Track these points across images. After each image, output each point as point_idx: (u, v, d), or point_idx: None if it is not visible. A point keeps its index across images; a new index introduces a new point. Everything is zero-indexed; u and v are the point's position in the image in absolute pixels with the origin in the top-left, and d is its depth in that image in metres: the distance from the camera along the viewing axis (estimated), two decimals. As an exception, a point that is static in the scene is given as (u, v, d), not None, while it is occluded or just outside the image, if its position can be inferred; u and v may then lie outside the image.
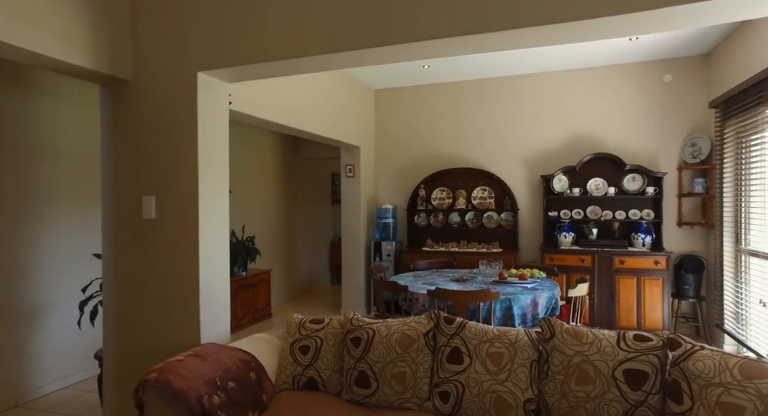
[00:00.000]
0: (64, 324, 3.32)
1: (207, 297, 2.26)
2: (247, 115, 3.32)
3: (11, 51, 1.87)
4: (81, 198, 3.46)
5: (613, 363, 1.62)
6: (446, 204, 5.31)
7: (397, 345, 1.96)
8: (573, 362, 1.67)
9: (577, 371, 1.66)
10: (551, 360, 1.73)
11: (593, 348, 1.67)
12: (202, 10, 2.21)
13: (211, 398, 1.77)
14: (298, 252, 6.58)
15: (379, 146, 5.69)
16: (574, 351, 1.69)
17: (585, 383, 1.64)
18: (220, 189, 2.34)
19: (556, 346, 1.73)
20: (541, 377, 1.75)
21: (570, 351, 1.69)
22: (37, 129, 3.17)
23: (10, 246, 3.01)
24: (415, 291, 3.02)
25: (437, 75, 5.11)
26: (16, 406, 3.02)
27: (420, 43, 1.87)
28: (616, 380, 1.61)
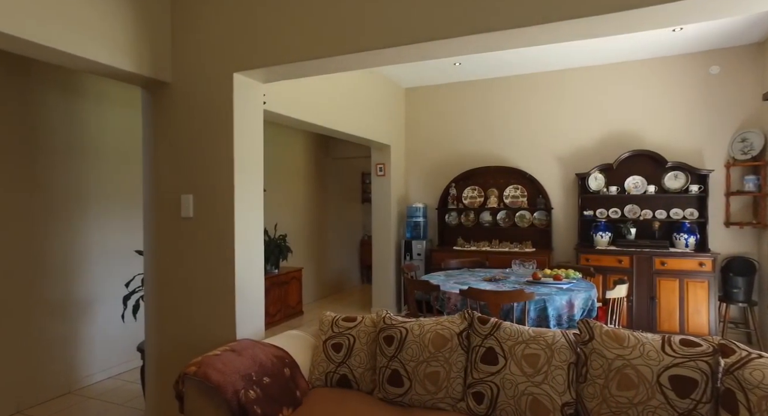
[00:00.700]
0: (110, 317, 3.47)
1: (242, 294, 2.31)
2: (280, 115, 3.37)
3: (65, 58, 1.97)
4: (123, 197, 3.60)
5: (658, 368, 1.56)
6: (477, 203, 5.25)
7: (430, 345, 1.94)
8: (614, 366, 1.61)
9: (619, 375, 1.60)
10: (590, 363, 1.67)
11: (635, 351, 1.60)
12: (237, 12, 2.26)
13: (247, 392, 1.80)
14: (329, 250, 6.64)
15: (410, 145, 5.68)
16: (615, 354, 1.63)
17: (627, 388, 1.58)
18: (255, 188, 2.38)
19: (595, 349, 1.67)
20: (579, 380, 1.70)
21: (610, 354, 1.63)
22: (84, 131, 3.32)
23: (61, 242, 3.17)
24: (447, 290, 2.99)
25: (469, 72, 5.05)
26: (69, 393, 3.18)
27: (456, 40, 1.85)
28: (661, 386, 1.54)
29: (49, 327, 3.10)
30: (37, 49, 1.87)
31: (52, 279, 3.12)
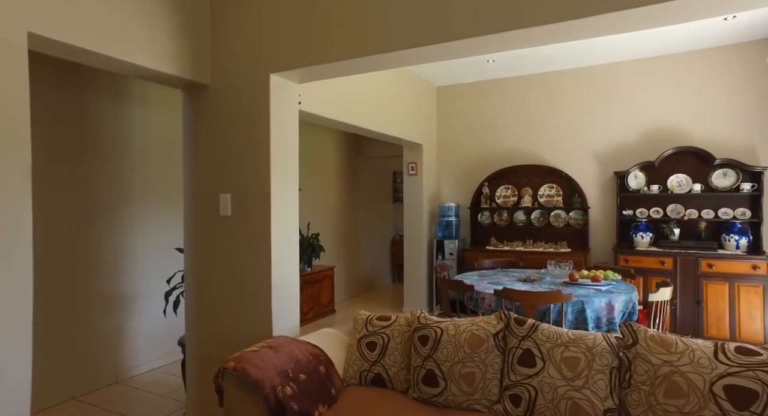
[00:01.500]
0: (152, 312, 3.61)
1: (278, 291, 2.35)
2: (313, 115, 3.41)
3: (117, 64, 2.07)
4: (163, 196, 3.74)
5: (711, 376, 1.48)
6: (511, 202, 5.15)
7: (466, 345, 1.92)
8: (660, 372, 1.55)
9: (666, 382, 1.53)
10: (634, 369, 1.61)
11: (684, 358, 1.53)
12: (273, 15, 2.30)
13: (284, 388, 1.83)
14: (360, 249, 6.68)
15: (442, 143, 5.64)
16: (662, 360, 1.56)
17: (676, 396, 1.51)
18: (290, 187, 2.42)
19: (639, 354, 1.61)
20: (622, 386, 1.64)
21: (656, 360, 1.57)
22: (129, 133, 3.47)
23: (108, 239, 3.32)
24: (481, 290, 2.95)
25: (502, 69, 4.97)
26: (117, 382, 3.34)
27: (491, 37, 1.82)
28: (715, 396, 1.46)
29: (99, 321, 3.25)
30: (93, 57, 1.97)
31: (101, 275, 3.27)
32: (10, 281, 1.64)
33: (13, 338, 1.65)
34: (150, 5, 2.14)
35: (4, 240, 1.63)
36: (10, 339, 1.65)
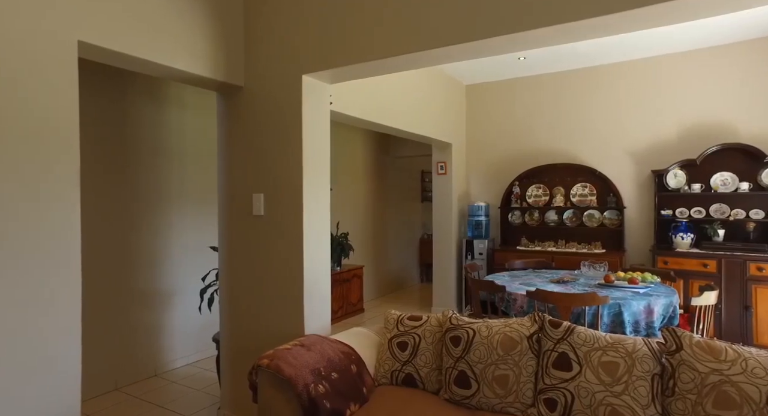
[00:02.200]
0: (188, 308, 3.72)
1: (310, 290, 2.38)
2: (343, 115, 3.43)
3: (157, 68, 2.14)
4: (198, 195, 3.85)
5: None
6: (542, 201, 5.05)
7: (499, 347, 1.89)
8: (708, 381, 1.48)
9: (715, 392, 1.46)
10: (679, 376, 1.55)
11: (736, 367, 1.45)
12: (306, 17, 2.33)
13: (316, 386, 1.85)
14: (389, 249, 6.69)
15: (471, 142, 5.57)
16: (710, 368, 1.49)
17: (727, 407, 1.43)
18: (322, 187, 2.45)
19: (684, 361, 1.54)
20: (666, 394, 1.57)
21: (704, 368, 1.50)
22: (166, 134, 3.58)
23: (147, 238, 3.44)
24: (513, 291, 2.90)
25: (533, 66, 4.87)
26: (155, 375, 3.46)
27: (525, 34, 1.78)
28: (770, 408, 1.38)
29: (138, 316, 3.38)
30: (135, 62, 2.05)
31: (140, 272, 3.39)
32: (61, 279, 1.72)
33: (64, 332, 1.73)
34: (187, 10, 2.20)
35: (56, 241, 1.71)
36: (62, 333, 1.73)
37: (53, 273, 1.71)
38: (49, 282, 1.69)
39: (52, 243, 1.70)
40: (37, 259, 1.66)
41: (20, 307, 1.62)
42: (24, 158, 1.63)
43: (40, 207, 1.68)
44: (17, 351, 1.61)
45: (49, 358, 1.70)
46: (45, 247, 1.68)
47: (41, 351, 1.67)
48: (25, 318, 1.63)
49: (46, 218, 1.69)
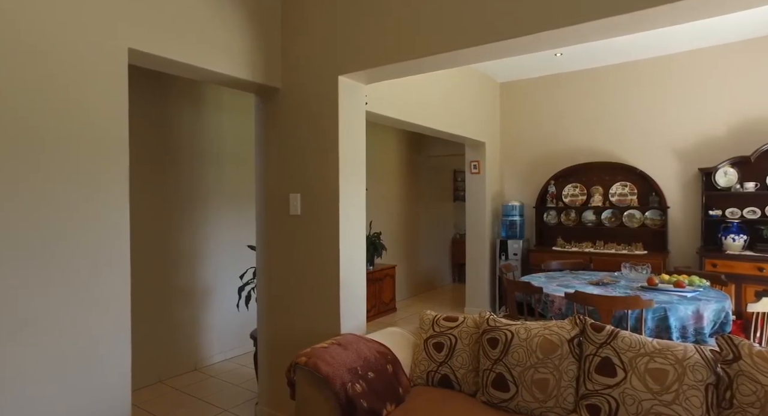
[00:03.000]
0: (225, 305, 3.82)
1: (346, 289, 2.40)
2: (376, 114, 3.44)
3: (196, 71, 2.21)
4: (236, 195, 3.95)
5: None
6: (579, 201, 4.91)
7: (538, 350, 1.85)
8: (769, 392, 1.40)
9: (777, 404, 1.38)
10: (737, 388, 1.47)
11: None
12: (341, 18, 2.35)
13: (353, 385, 1.87)
14: (420, 248, 6.67)
15: (505, 141, 5.48)
16: (771, 379, 1.41)
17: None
18: (358, 187, 2.46)
19: (743, 371, 1.46)
20: (722, 405, 1.50)
21: (766, 380, 1.41)
22: (205, 136, 3.69)
23: (187, 236, 3.56)
24: (551, 293, 2.84)
25: (571, 62, 4.74)
26: (195, 370, 3.58)
27: (565, 30, 1.74)
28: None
29: (179, 312, 3.50)
30: (180, 66, 2.12)
31: (180, 269, 3.51)
32: (112, 276, 1.81)
33: (115, 327, 1.82)
34: (227, 15, 2.26)
35: (107, 240, 1.79)
36: (113, 328, 1.81)
37: (105, 271, 1.79)
38: (100, 280, 1.78)
39: (104, 242, 1.79)
40: (90, 259, 1.75)
41: (74, 304, 1.71)
42: (79, 161, 1.72)
43: (95, 207, 1.76)
44: (73, 346, 1.70)
45: (101, 353, 1.78)
46: (97, 247, 1.77)
47: (94, 346, 1.76)
48: (79, 315, 1.72)
49: (99, 218, 1.77)
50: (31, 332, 1.59)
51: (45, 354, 1.63)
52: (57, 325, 1.66)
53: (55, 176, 1.66)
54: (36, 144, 1.61)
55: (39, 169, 1.62)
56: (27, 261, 1.59)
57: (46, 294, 1.63)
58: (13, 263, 1.55)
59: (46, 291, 1.63)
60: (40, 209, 1.62)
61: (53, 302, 1.65)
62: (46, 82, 1.63)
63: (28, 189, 1.59)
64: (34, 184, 1.61)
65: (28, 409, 1.58)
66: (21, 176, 1.57)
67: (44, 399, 1.63)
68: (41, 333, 1.62)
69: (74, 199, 1.71)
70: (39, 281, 1.61)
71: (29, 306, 1.59)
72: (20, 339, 1.57)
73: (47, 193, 1.64)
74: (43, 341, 1.62)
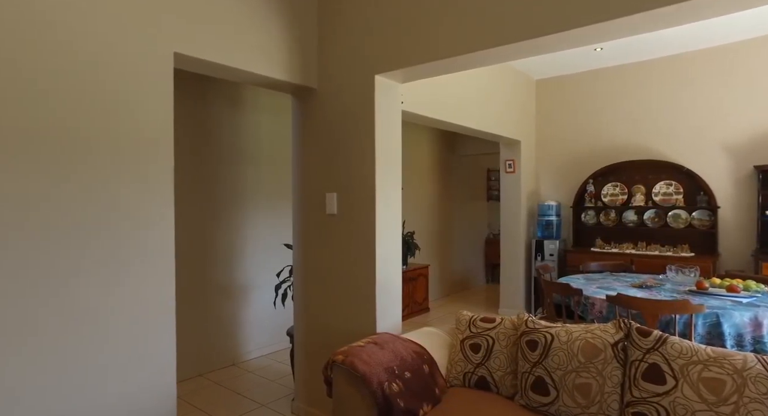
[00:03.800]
0: (262, 302, 3.91)
1: (382, 288, 2.40)
2: (410, 113, 3.43)
3: (237, 73, 2.26)
4: (272, 195, 4.02)
5: None
6: (620, 200, 4.74)
7: (580, 353, 1.80)
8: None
9: None
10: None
11: None
12: (378, 16, 2.35)
13: (390, 385, 1.87)
14: (454, 248, 6.60)
15: (541, 139, 5.35)
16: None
17: None
18: (394, 186, 2.46)
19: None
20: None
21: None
22: (242, 136, 3.79)
23: (226, 234, 3.66)
24: (591, 295, 2.75)
25: (612, 57, 4.57)
26: (233, 365, 3.68)
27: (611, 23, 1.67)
28: None
29: (218, 308, 3.60)
30: (220, 69, 2.18)
31: (218, 267, 3.61)
32: (158, 272, 1.88)
33: (161, 321, 1.89)
34: (266, 17, 2.31)
35: (154, 237, 1.86)
36: (160, 321, 1.88)
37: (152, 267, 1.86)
38: (147, 276, 1.85)
39: (152, 239, 1.86)
40: (139, 255, 1.82)
41: (125, 299, 1.78)
42: (131, 161, 1.79)
43: (145, 206, 1.83)
44: (124, 338, 1.77)
45: (149, 345, 1.85)
46: (146, 244, 1.84)
47: (143, 339, 1.83)
48: (130, 309, 1.79)
49: (148, 216, 1.84)
50: (87, 324, 1.67)
51: (100, 345, 1.71)
52: (110, 319, 1.74)
53: (109, 176, 1.73)
54: (93, 145, 1.69)
55: (95, 169, 1.70)
56: (85, 258, 1.67)
57: (100, 290, 1.71)
58: (73, 260, 1.64)
59: (101, 287, 1.71)
60: (96, 207, 1.70)
61: (106, 297, 1.73)
62: (100, 85, 1.71)
63: (86, 188, 1.67)
64: (91, 183, 1.69)
65: (84, 395, 1.67)
66: (80, 175, 1.66)
67: (99, 387, 1.71)
68: (96, 326, 1.70)
69: (126, 198, 1.78)
70: (96, 278, 1.69)
71: (88, 300, 1.67)
72: (79, 331, 1.65)
73: (102, 192, 1.71)
74: (98, 333, 1.70)
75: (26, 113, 1.55)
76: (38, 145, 1.58)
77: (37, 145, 1.58)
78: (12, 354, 1.52)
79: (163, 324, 1.90)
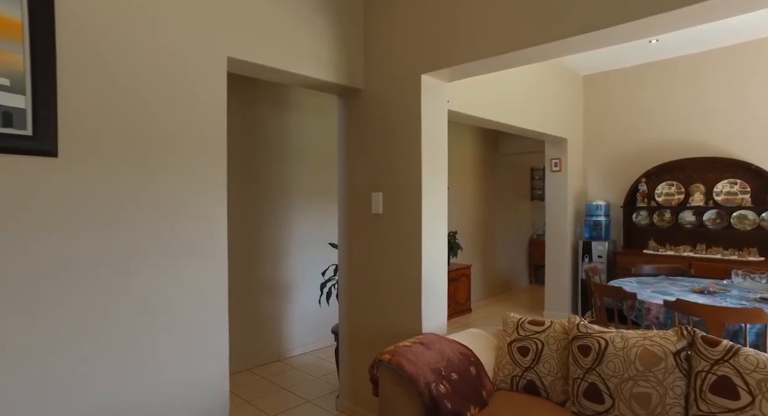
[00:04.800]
0: (306, 300, 3.99)
1: (428, 288, 2.39)
2: (457, 113, 3.39)
3: (287, 76, 2.32)
4: (316, 195, 4.09)
5: None
6: (676, 200, 4.49)
7: (638, 361, 1.71)
8: None
9: None
10: None
11: None
12: (424, 15, 2.33)
13: (437, 386, 1.85)
14: (496, 248, 6.48)
15: (589, 137, 5.15)
16: None
17: None
18: (440, 186, 2.44)
19: None
20: None
21: None
22: (288, 137, 3.87)
23: (272, 232, 3.76)
24: (646, 299, 2.62)
25: (668, 49, 4.33)
26: (279, 361, 3.77)
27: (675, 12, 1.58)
28: None
29: (264, 304, 3.70)
30: (270, 71, 2.23)
31: (265, 264, 3.71)
32: (212, 268, 1.95)
33: (215, 314, 1.96)
34: (313, 20, 2.34)
35: (209, 234, 1.94)
36: (213, 315, 1.95)
37: (206, 263, 1.93)
38: (202, 271, 1.92)
39: (206, 236, 1.93)
40: (195, 251, 1.89)
41: (182, 293, 1.86)
42: (189, 162, 1.87)
43: (201, 204, 1.91)
44: (182, 331, 1.86)
45: (204, 337, 1.93)
46: (201, 240, 1.91)
47: (198, 331, 1.91)
48: (186, 303, 1.87)
49: (204, 213, 1.92)
50: (149, 316, 1.76)
51: (159, 337, 1.79)
52: (169, 312, 1.82)
53: (170, 176, 1.82)
54: (159, 145, 1.78)
55: (165, 170, 1.78)
56: (149, 257, 1.76)
57: (160, 283, 1.79)
58: (139, 258, 1.73)
59: (160, 280, 1.80)
60: (164, 208, 1.78)
61: (166, 290, 1.81)
62: (168, 91, 1.80)
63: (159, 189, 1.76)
64: (162, 184, 1.77)
65: (145, 383, 1.76)
66: (145, 175, 1.75)
67: (158, 376, 1.79)
68: (157, 319, 1.78)
69: (184, 198, 1.86)
70: (156, 271, 1.78)
71: (148, 293, 1.76)
72: (144, 325, 1.74)
73: (169, 192, 1.80)
74: (158, 325, 1.79)
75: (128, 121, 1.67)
76: (133, 149, 1.72)
77: (132, 148, 1.71)
78: (88, 342, 1.63)
79: (217, 316, 1.97)
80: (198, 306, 1.91)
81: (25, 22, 1.48)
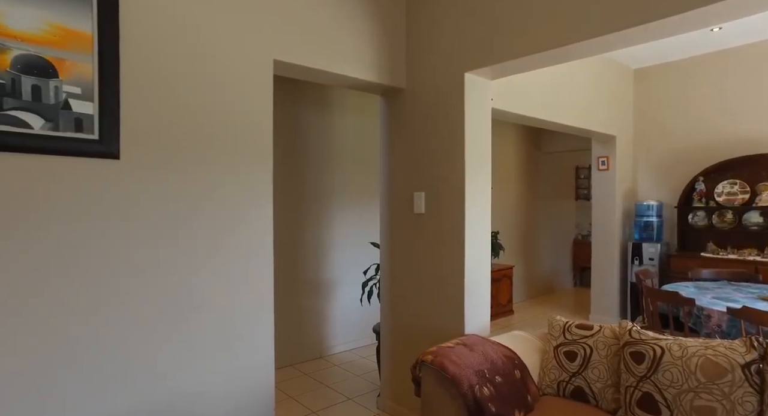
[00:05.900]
0: (348, 299, 4.03)
1: (470, 289, 2.35)
2: (501, 111, 3.32)
3: (331, 77, 2.34)
4: (358, 194, 4.12)
5: None
6: (739, 200, 4.21)
7: (699, 372, 1.61)
8: None
9: None
10: None
11: None
12: (467, 12, 2.30)
13: (481, 388, 1.82)
14: (539, 249, 6.31)
15: (640, 134, 4.92)
16: None
17: None
18: (483, 186, 2.40)
19: None
20: None
21: None
22: (329, 137, 3.92)
23: (315, 231, 3.82)
24: (707, 306, 2.47)
25: (732, 36, 4.06)
26: (320, 358, 3.83)
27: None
28: None
29: (307, 303, 3.77)
30: (315, 73, 2.27)
31: (308, 263, 3.78)
32: (259, 265, 2.00)
33: (262, 311, 2.02)
34: (356, 21, 2.36)
35: (256, 232, 1.99)
36: (260, 311, 2.01)
37: (254, 261, 1.99)
38: (250, 269, 1.98)
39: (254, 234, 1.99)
40: (243, 249, 1.95)
41: (232, 290, 1.92)
42: (238, 162, 1.93)
43: (250, 203, 1.97)
44: (230, 326, 1.92)
45: (251, 332, 1.98)
46: (249, 238, 1.97)
47: (246, 327, 1.97)
48: (235, 300, 1.93)
49: (252, 212, 1.98)
50: (200, 312, 1.83)
51: (210, 331, 1.86)
52: (219, 308, 1.89)
53: (221, 177, 1.88)
54: (209, 147, 1.85)
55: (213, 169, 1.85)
56: (200, 255, 1.83)
57: (211, 281, 1.86)
58: (196, 256, 1.80)
59: (211, 278, 1.87)
60: (213, 206, 1.85)
61: (216, 287, 1.88)
62: (218, 93, 1.87)
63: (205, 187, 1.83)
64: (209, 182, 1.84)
65: (197, 375, 1.83)
66: (198, 175, 1.82)
67: (211, 366, 1.87)
68: (208, 314, 1.85)
69: (233, 196, 1.92)
70: (208, 268, 1.85)
71: (201, 291, 1.83)
72: (193, 319, 1.82)
73: (216, 191, 1.87)
74: (208, 320, 1.86)
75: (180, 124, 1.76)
76: (185, 150, 1.80)
77: (184, 150, 1.80)
78: (150, 331, 1.72)
79: (263, 313, 2.02)
80: (246, 302, 1.97)
81: (94, 35, 1.58)
